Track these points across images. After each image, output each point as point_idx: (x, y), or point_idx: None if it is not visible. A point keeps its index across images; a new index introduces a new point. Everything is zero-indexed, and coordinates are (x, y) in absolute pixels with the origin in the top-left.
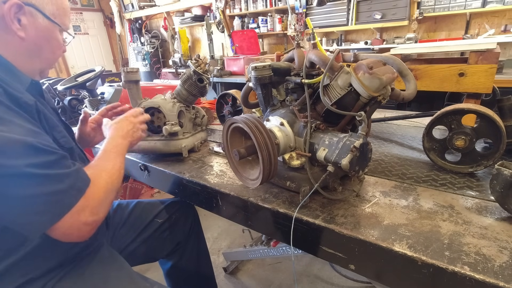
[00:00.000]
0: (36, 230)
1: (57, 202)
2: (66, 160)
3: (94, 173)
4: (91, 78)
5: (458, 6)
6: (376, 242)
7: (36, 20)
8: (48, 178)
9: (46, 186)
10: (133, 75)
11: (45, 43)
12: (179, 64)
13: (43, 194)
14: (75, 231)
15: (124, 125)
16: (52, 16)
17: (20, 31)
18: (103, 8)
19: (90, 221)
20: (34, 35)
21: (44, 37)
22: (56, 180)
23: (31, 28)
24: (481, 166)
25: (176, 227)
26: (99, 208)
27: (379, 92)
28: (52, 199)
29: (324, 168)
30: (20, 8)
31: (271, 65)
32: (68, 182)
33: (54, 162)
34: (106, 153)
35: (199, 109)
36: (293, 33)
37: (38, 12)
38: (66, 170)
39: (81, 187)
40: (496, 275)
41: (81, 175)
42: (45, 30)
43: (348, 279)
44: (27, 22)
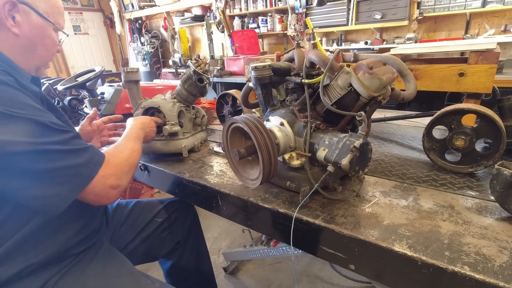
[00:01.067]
0: (61, 202)
1: (77, 174)
2: (80, 138)
3: (117, 150)
4: (91, 78)
5: (458, 6)
6: (376, 242)
7: (30, 17)
8: (67, 153)
9: (66, 160)
10: (133, 75)
11: (39, 41)
12: (179, 64)
13: (65, 167)
14: (104, 194)
15: (142, 119)
16: (46, 14)
17: (14, 28)
18: (103, 8)
19: (116, 185)
20: (28, 32)
21: (38, 34)
22: (77, 154)
23: (25, 25)
24: (481, 166)
25: (175, 227)
26: (122, 175)
27: (379, 92)
28: (73, 172)
29: (324, 168)
30: (14, 6)
31: (271, 65)
32: (86, 156)
33: (70, 139)
34: (127, 137)
35: (199, 109)
36: (293, 33)
37: (31, 9)
38: (82, 146)
39: (98, 161)
40: (496, 275)
41: (96, 150)
42: (38, 28)
43: (348, 279)
44: (21, 19)
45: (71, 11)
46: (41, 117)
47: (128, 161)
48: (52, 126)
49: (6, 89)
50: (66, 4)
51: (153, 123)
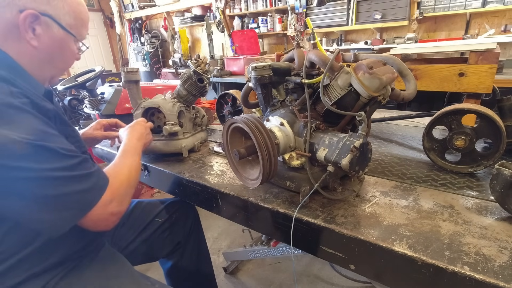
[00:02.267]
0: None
1: (80, 200)
2: (87, 162)
3: (116, 170)
4: (91, 78)
5: (458, 6)
6: (376, 242)
7: (51, 30)
8: (73, 179)
9: (71, 186)
10: (133, 75)
11: (58, 53)
12: (179, 64)
13: (69, 194)
14: (103, 221)
15: (138, 129)
16: (68, 26)
17: (33, 40)
18: (103, 8)
19: (116, 211)
20: (48, 44)
21: (58, 47)
22: (80, 181)
23: (45, 38)
24: (481, 166)
25: (176, 227)
26: (123, 199)
27: (379, 92)
28: (76, 198)
29: (324, 168)
30: (36, 18)
31: (271, 65)
32: (91, 182)
33: (77, 164)
34: (125, 152)
35: (199, 109)
36: (293, 33)
37: (54, 22)
38: (87, 171)
39: (102, 185)
40: (496, 275)
41: (101, 175)
42: (59, 40)
43: (348, 279)
44: (42, 31)
45: None
46: (50, 142)
47: (129, 181)
48: (60, 152)
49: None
50: None
51: (148, 129)
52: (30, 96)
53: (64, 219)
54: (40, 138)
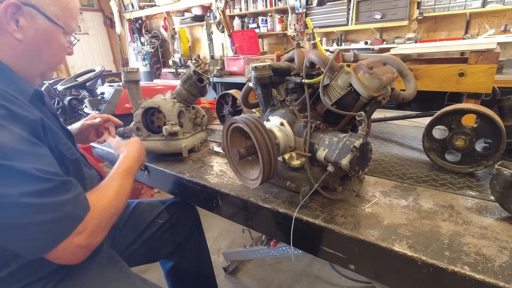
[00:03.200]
0: (30, 254)
1: (51, 230)
2: (66, 185)
3: (99, 196)
4: (91, 78)
5: (458, 6)
6: (376, 242)
7: (36, 22)
8: (42, 207)
9: (40, 215)
10: (133, 75)
11: (45, 46)
12: (179, 64)
13: (37, 223)
14: (68, 254)
15: (137, 148)
16: (55, 17)
17: (17, 33)
18: (103, 8)
19: (85, 245)
20: (33, 37)
21: (44, 39)
22: (51, 209)
23: (30, 30)
24: (481, 166)
25: (176, 228)
26: (97, 232)
27: (379, 92)
28: (46, 228)
29: (324, 168)
30: (19, 9)
31: (271, 65)
32: (64, 211)
33: (51, 189)
34: (119, 174)
35: (199, 109)
36: (293, 33)
37: (39, 13)
38: (63, 197)
39: (79, 215)
40: (496, 275)
41: (80, 201)
42: (45, 32)
43: (348, 279)
44: (26, 23)
45: None
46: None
47: (111, 209)
48: (32, 173)
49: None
50: None
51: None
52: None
53: (32, 249)
54: (9, 157)
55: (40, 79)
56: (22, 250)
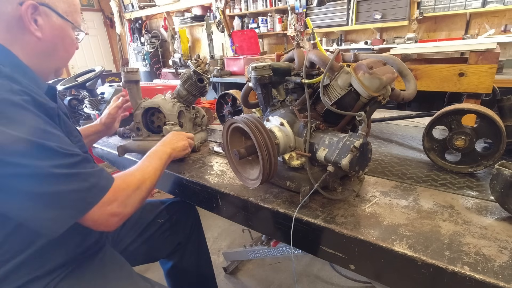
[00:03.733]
0: (59, 226)
1: (80, 199)
2: (88, 162)
3: (128, 172)
4: (91, 78)
5: (458, 6)
6: (376, 242)
7: (51, 19)
8: (72, 177)
9: (70, 184)
10: (133, 75)
11: (60, 42)
12: (179, 64)
13: (68, 191)
14: (103, 221)
15: (168, 137)
16: (65, 14)
17: (37, 32)
18: (103, 8)
19: (118, 213)
20: (50, 34)
21: (59, 35)
22: (80, 179)
23: (47, 28)
24: (481, 166)
25: (177, 228)
26: (127, 201)
27: (379, 92)
28: (75, 197)
29: (324, 168)
30: (36, 9)
31: (271, 65)
32: (91, 181)
33: (77, 163)
34: (147, 156)
35: (199, 109)
36: (293, 33)
37: (52, 11)
38: (88, 170)
39: (104, 186)
40: (496, 275)
41: (104, 174)
42: (59, 29)
43: (348, 279)
44: (43, 22)
45: None
46: (49, 141)
47: (139, 184)
48: (59, 150)
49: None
50: None
51: (187, 144)
52: (31, 94)
53: (62, 218)
54: (38, 136)
55: (54, 76)
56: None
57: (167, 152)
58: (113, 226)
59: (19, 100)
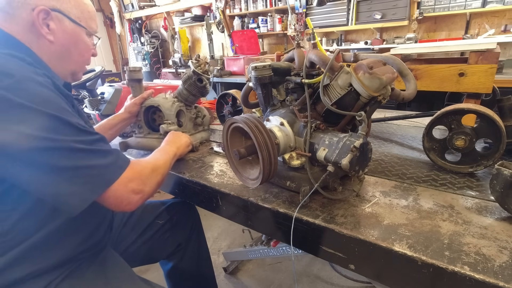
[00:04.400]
0: (78, 201)
1: (99, 175)
2: (106, 142)
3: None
4: (91, 78)
5: (458, 6)
6: (376, 242)
7: (63, 24)
8: (92, 153)
9: (89, 160)
10: (135, 73)
11: (73, 46)
12: (179, 64)
13: (87, 167)
14: (125, 198)
15: (169, 137)
16: (78, 19)
17: (49, 35)
18: (103, 8)
19: (138, 190)
20: (62, 38)
21: (72, 40)
22: (100, 155)
23: (59, 32)
24: (481, 166)
25: (177, 228)
26: (146, 180)
27: (379, 92)
28: (94, 172)
29: (324, 168)
30: (48, 14)
31: (271, 65)
32: (111, 158)
33: (96, 141)
34: (154, 153)
35: (201, 109)
36: (293, 33)
37: (64, 16)
38: (107, 148)
39: (122, 165)
40: (496, 275)
41: (121, 155)
42: (72, 33)
43: (348, 279)
44: (55, 26)
45: None
46: (69, 117)
47: (154, 167)
48: (78, 127)
49: (42, 90)
50: None
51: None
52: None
53: (82, 193)
54: (62, 113)
55: (71, 79)
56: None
57: (173, 150)
58: (135, 203)
59: (41, 80)
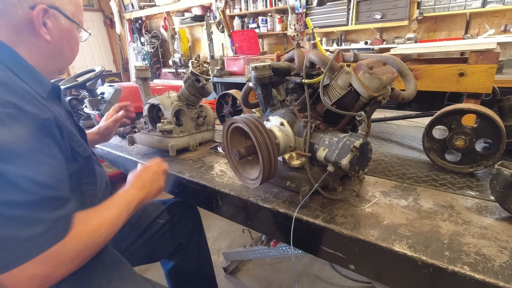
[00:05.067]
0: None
1: (5, 251)
2: (51, 203)
3: (81, 220)
4: (91, 78)
5: (458, 6)
6: (376, 242)
7: (60, 22)
8: (10, 220)
9: (4, 229)
10: (142, 72)
11: (66, 43)
12: (179, 64)
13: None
14: (18, 285)
15: (144, 175)
16: (72, 15)
17: (46, 35)
18: (103, 8)
19: (44, 276)
20: (58, 36)
21: (66, 37)
22: (21, 225)
23: (55, 31)
24: (481, 166)
25: (177, 228)
26: (66, 262)
27: (379, 92)
28: (2, 246)
29: (324, 168)
30: (46, 12)
31: (271, 65)
32: (34, 231)
33: (31, 203)
34: (113, 200)
35: (205, 108)
36: (293, 33)
37: (61, 13)
38: (39, 215)
39: (45, 242)
40: (496, 275)
41: (58, 226)
42: (67, 31)
43: (348, 279)
44: (52, 25)
45: None
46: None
47: (89, 240)
48: (19, 182)
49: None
50: None
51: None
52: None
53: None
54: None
55: (58, 74)
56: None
57: (141, 198)
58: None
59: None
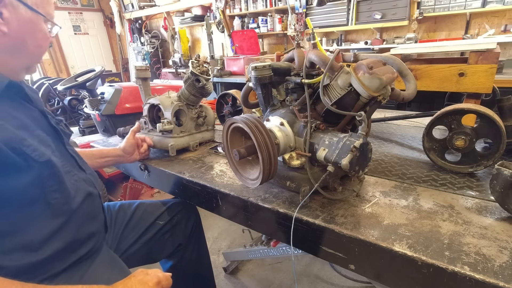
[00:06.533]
0: None
1: None
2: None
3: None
4: (91, 78)
5: (458, 6)
6: (376, 242)
7: (18, 12)
8: None
9: None
10: (141, 72)
11: (30, 36)
12: (179, 64)
13: None
14: None
15: (134, 284)
16: (35, 5)
17: (2, 26)
18: (103, 8)
19: None
20: (18, 28)
21: (28, 29)
22: None
23: (14, 21)
24: (481, 166)
25: (177, 229)
26: None
27: (379, 92)
28: None
29: (324, 168)
30: (0, 1)
31: (271, 65)
32: None
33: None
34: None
35: (205, 108)
36: (293, 33)
37: (19, 2)
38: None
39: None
40: (496, 275)
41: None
42: (28, 22)
43: (348, 279)
44: (9, 15)
45: (71, 11)
46: None
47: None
48: None
49: None
50: (66, 4)
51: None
52: None
53: None
54: None
55: (25, 72)
56: None
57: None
58: None
59: None
